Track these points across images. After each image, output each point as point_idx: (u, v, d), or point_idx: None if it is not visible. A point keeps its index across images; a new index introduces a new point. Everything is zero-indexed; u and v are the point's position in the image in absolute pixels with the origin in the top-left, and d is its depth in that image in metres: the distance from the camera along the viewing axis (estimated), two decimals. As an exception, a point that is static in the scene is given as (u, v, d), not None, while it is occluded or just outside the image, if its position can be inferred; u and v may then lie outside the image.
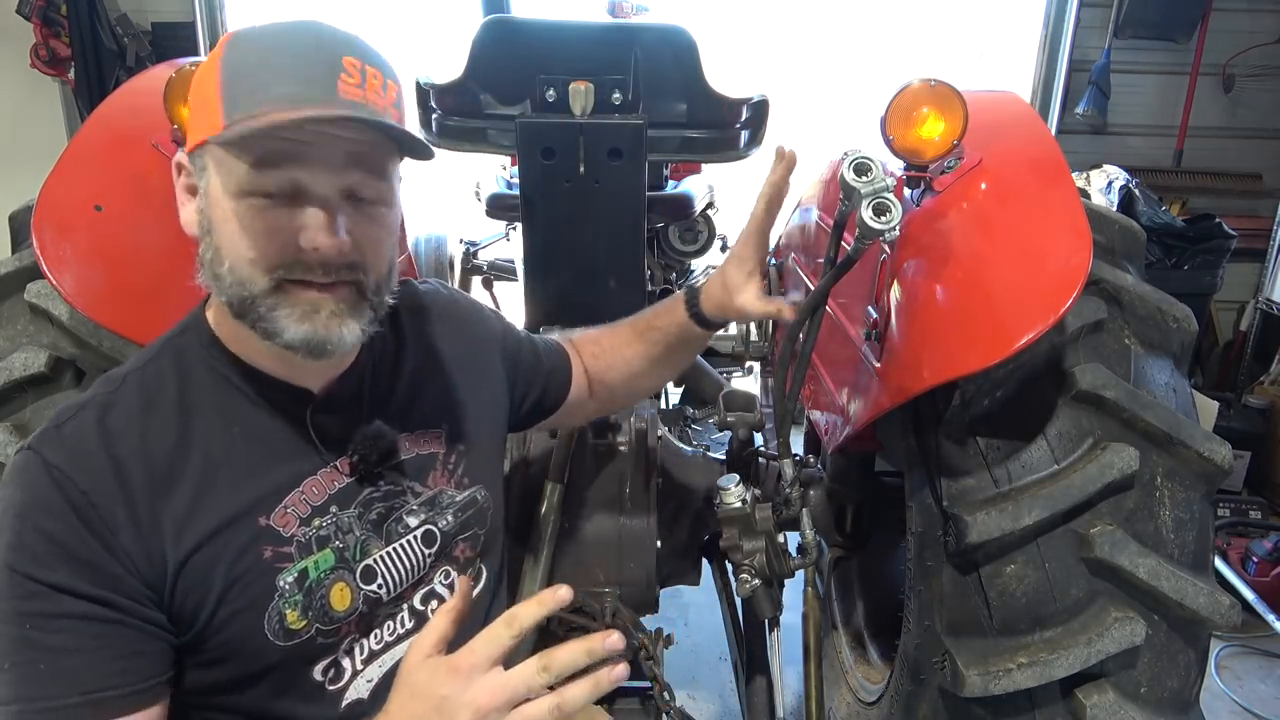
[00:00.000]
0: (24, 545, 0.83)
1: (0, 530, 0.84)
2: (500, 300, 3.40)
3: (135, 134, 1.38)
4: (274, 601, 0.93)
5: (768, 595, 1.40)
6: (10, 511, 0.84)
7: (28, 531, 0.83)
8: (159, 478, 0.89)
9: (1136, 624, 1.28)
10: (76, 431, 0.88)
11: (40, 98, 4.49)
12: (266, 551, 0.93)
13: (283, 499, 0.95)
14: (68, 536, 0.84)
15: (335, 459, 1.00)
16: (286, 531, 0.94)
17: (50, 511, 0.84)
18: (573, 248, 1.77)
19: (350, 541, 0.99)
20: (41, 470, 0.85)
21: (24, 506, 0.84)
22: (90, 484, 0.85)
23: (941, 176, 1.34)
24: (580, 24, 2.07)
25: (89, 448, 0.87)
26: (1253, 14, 4.44)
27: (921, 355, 1.28)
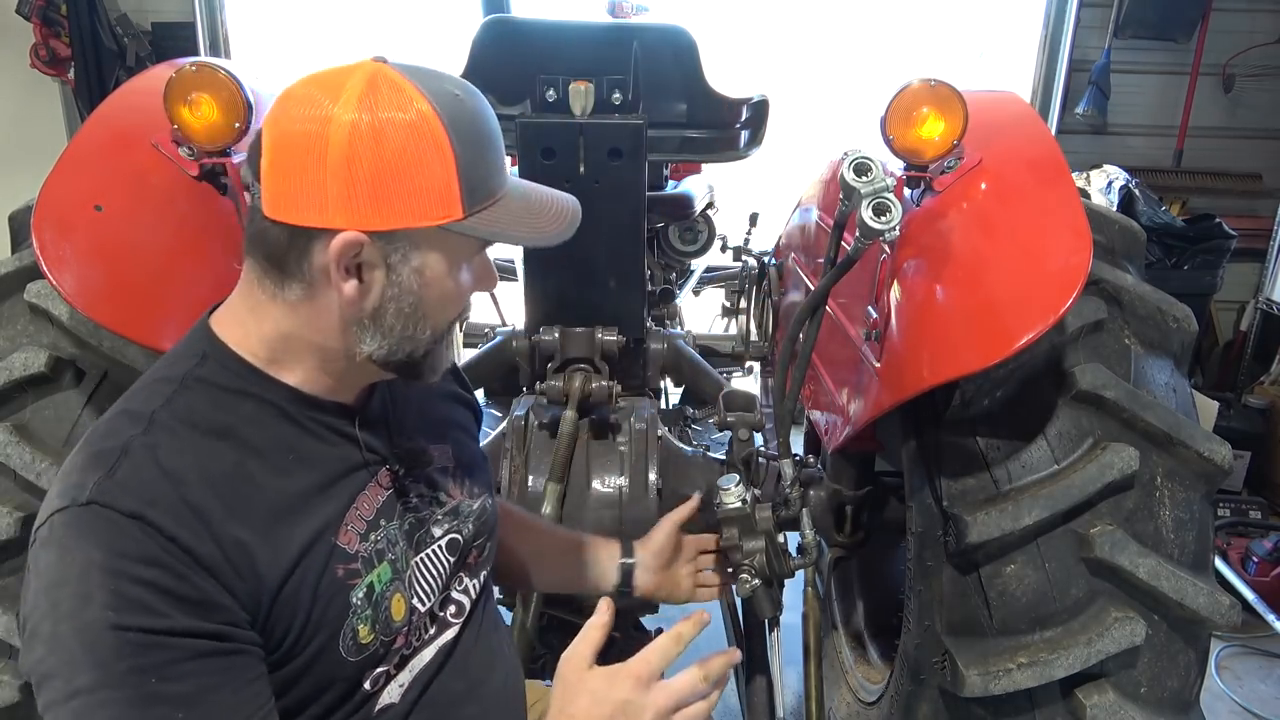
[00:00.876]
0: (126, 600, 0.76)
1: (88, 594, 0.76)
2: (500, 300, 3.40)
3: (135, 134, 1.38)
4: (349, 619, 0.92)
5: (767, 595, 1.40)
6: (96, 570, 0.76)
7: (125, 585, 0.76)
8: (234, 511, 0.84)
9: (1136, 624, 1.28)
10: (135, 476, 0.81)
11: (40, 98, 4.49)
12: (339, 570, 0.92)
13: (344, 517, 0.94)
14: (171, 581, 0.78)
15: (376, 474, 1.00)
16: (351, 549, 0.94)
17: (144, 560, 0.77)
18: (573, 248, 1.75)
19: (399, 553, 1.00)
20: (119, 520, 0.78)
21: (112, 561, 0.77)
22: (174, 527, 0.79)
23: (941, 176, 1.34)
24: (580, 24, 2.07)
25: (159, 491, 0.81)
26: (1253, 14, 4.44)
27: (921, 355, 1.28)
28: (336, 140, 0.81)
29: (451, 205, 0.85)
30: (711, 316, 3.46)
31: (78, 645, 0.76)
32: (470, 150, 0.86)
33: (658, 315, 2.72)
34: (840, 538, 1.93)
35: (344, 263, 0.84)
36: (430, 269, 0.88)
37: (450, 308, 0.94)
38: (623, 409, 1.85)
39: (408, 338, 0.91)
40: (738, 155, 2.09)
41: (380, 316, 0.89)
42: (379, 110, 0.82)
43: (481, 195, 0.88)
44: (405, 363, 0.94)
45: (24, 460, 1.35)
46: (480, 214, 0.88)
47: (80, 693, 0.75)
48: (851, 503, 1.89)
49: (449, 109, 0.85)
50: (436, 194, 0.84)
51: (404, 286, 0.88)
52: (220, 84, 1.30)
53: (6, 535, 1.35)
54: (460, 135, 0.85)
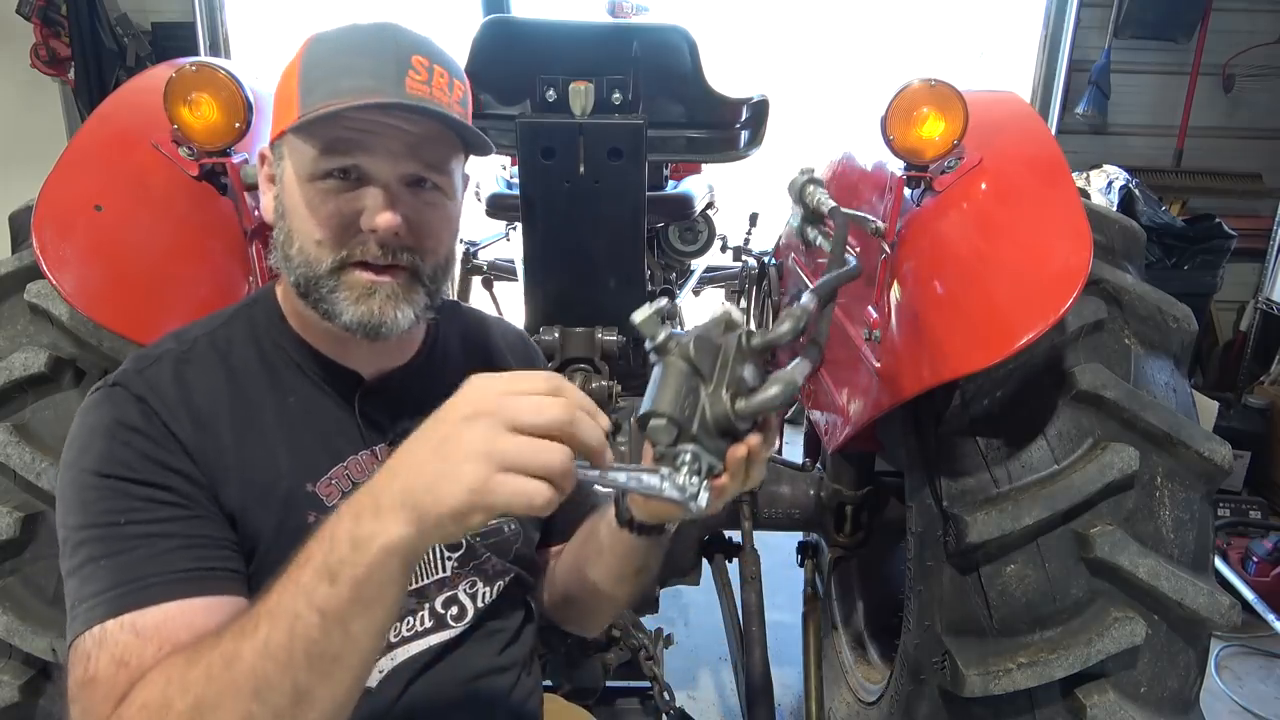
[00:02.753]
0: (115, 455, 0.88)
1: (87, 447, 0.89)
2: (500, 300, 3.41)
3: (135, 134, 1.38)
4: None
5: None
6: (98, 430, 0.89)
7: (117, 446, 0.88)
8: (224, 429, 0.94)
9: (1136, 624, 1.28)
10: (156, 376, 0.94)
11: (40, 98, 4.49)
12: (310, 516, 0.96)
13: (329, 470, 1.00)
14: (155, 449, 0.89)
15: (375, 445, 1.03)
16: (330, 501, 0.98)
17: (139, 431, 0.89)
18: (573, 248, 1.76)
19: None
20: (128, 398, 0.91)
21: (112, 425, 0.89)
22: (167, 413, 0.91)
23: (942, 176, 1.34)
24: (580, 24, 2.07)
25: (169, 392, 0.93)
26: (1253, 14, 4.44)
27: (921, 355, 1.28)
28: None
29: (292, 111, 0.94)
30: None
31: (71, 491, 0.88)
32: (316, 64, 0.95)
33: (657, 315, 2.72)
34: (840, 538, 1.93)
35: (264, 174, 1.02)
36: (287, 173, 0.97)
37: (308, 220, 0.94)
38: (623, 409, 1.85)
39: (286, 254, 0.98)
40: (738, 155, 2.09)
41: (278, 230, 0.99)
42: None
43: (314, 99, 0.92)
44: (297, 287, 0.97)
45: (24, 460, 1.35)
46: (310, 112, 0.91)
47: (70, 535, 0.87)
48: (851, 503, 1.89)
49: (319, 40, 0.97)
50: (286, 102, 0.96)
51: (279, 195, 0.99)
52: (220, 84, 1.30)
53: (6, 535, 1.35)
54: (312, 54, 0.96)
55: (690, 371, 0.79)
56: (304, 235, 0.95)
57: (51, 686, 1.43)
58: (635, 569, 1.04)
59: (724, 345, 0.82)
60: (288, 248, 0.97)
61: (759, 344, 0.83)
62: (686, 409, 0.77)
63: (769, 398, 0.79)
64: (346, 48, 0.95)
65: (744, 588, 1.83)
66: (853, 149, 1.72)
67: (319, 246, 0.95)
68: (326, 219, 0.94)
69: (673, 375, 0.78)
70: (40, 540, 1.38)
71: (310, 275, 0.95)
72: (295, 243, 0.96)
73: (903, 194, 1.37)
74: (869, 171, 1.57)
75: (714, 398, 0.79)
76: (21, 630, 1.34)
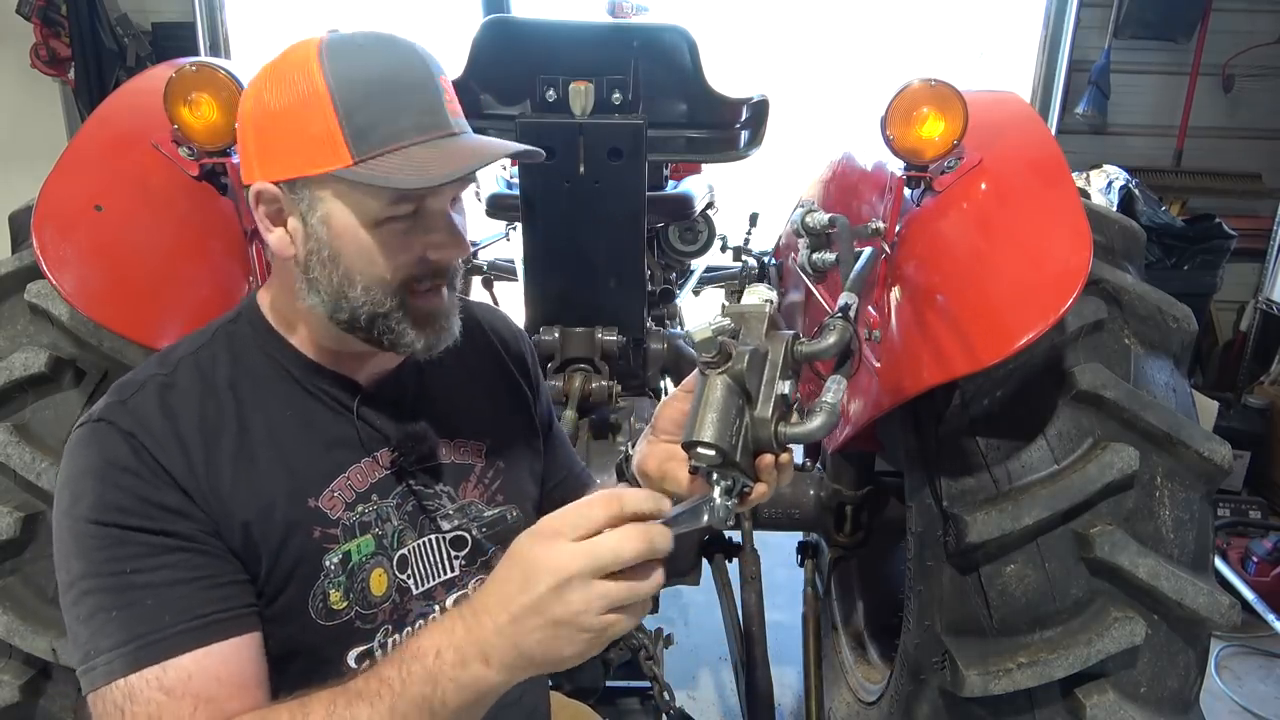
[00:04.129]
0: (108, 501, 0.86)
1: (80, 493, 0.87)
2: (500, 300, 3.41)
3: (135, 134, 1.38)
4: (319, 580, 0.96)
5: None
6: (89, 474, 0.88)
7: (109, 490, 0.87)
8: (217, 454, 0.93)
9: (1136, 624, 1.28)
10: (141, 406, 0.92)
11: (40, 98, 4.49)
12: (315, 532, 0.96)
13: (330, 483, 0.98)
14: (150, 490, 0.88)
15: (376, 451, 1.03)
16: (333, 514, 0.98)
17: (129, 470, 0.88)
18: (573, 248, 1.76)
19: (389, 530, 1.02)
20: (116, 436, 0.89)
21: (102, 468, 0.88)
22: (157, 449, 0.89)
23: (941, 176, 1.34)
24: (580, 24, 2.07)
25: (155, 423, 0.91)
26: (1253, 14, 4.43)
27: (921, 355, 1.28)
28: (247, 105, 0.93)
29: (338, 153, 0.88)
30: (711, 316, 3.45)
31: (69, 538, 0.87)
32: (355, 98, 0.88)
33: (658, 315, 2.72)
34: (840, 538, 1.93)
35: (266, 213, 0.94)
36: (336, 219, 0.91)
37: (374, 264, 0.92)
38: (623, 409, 1.85)
39: (340, 294, 0.94)
40: (738, 155, 2.09)
41: (309, 269, 0.94)
42: (277, 75, 0.91)
43: (374, 142, 0.88)
44: (353, 323, 0.95)
45: (24, 460, 1.35)
46: (371, 161, 0.88)
47: (74, 583, 0.86)
48: (851, 503, 1.89)
49: (341, 59, 0.89)
50: (321, 143, 0.88)
51: (316, 236, 0.93)
52: (220, 84, 1.30)
53: (7, 535, 1.35)
54: (344, 83, 0.88)
55: (738, 392, 0.79)
56: (371, 277, 0.93)
57: (51, 686, 1.43)
58: None
59: (770, 355, 0.82)
60: (345, 290, 0.93)
61: (804, 355, 0.84)
62: (733, 436, 0.78)
63: (814, 429, 0.81)
64: (385, 75, 0.90)
65: (744, 588, 1.83)
66: (853, 149, 1.73)
67: (386, 285, 0.93)
68: (398, 259, 0.93)
69: (722, 398, 0.78)
70: (40, 540, 1.38)
71: (375, 313, 0.94)
72: (357, 285, 0.93)
73: (903, 194, 1.37)
74: (869, 171, 1.57)
75: (759, 421, 0.80)
76: (21, 630, 1.34)
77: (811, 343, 0.86)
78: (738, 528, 1.88)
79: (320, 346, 1.01)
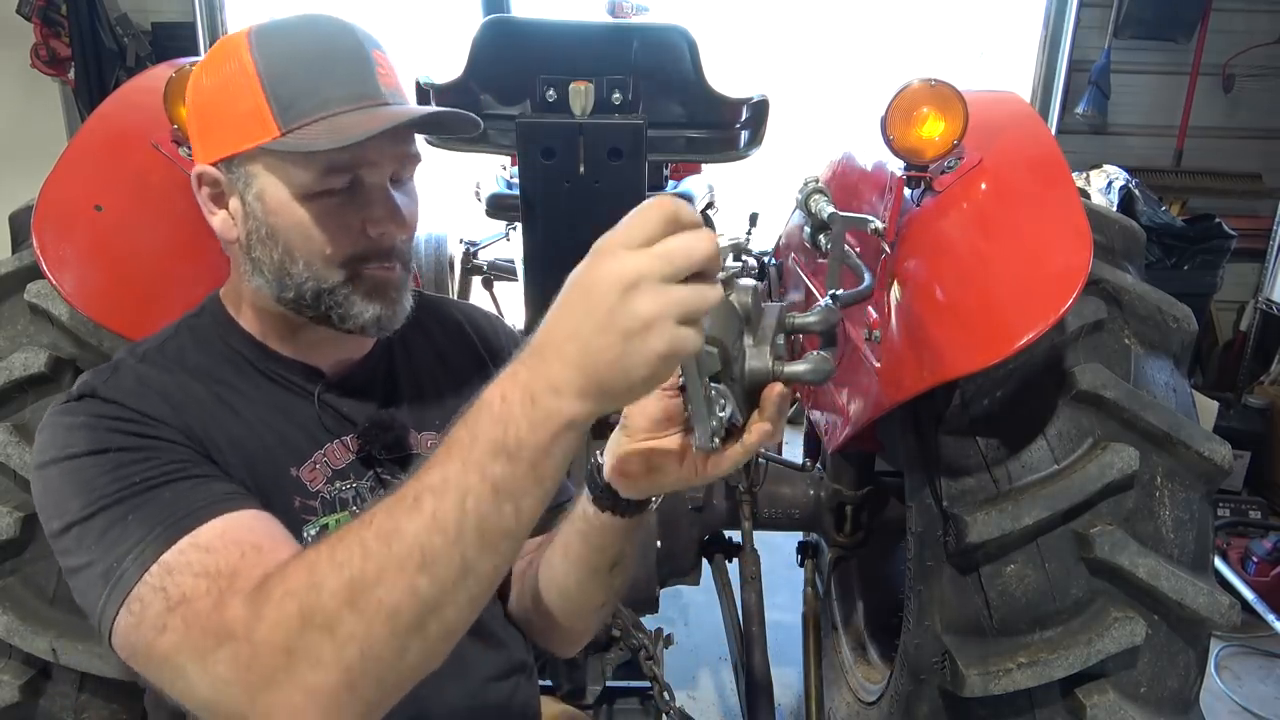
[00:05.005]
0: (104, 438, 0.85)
1: (71, 440, 0.85)
2: (500, 300, 3.41)
3: (135, 134, 1.38)
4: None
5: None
6: (77, 425, 0.86)
7: (100, 432, 0.85)
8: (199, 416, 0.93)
9: (1136, 624, 1.28)
10: (118, 382, 0.92)
11: (40, 98, 4.49)
12: (295, 501, 0.97)
13: (310, 455, 1.00)
14: (145, 429, 0.87)
15: (344, 436, 1.03)
16: (313, 487, 0.98)
17: (120, 418, 0.87)
18: (573, 248, 1.75)
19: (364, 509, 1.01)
20: (99, 402, 0.89)
21: (91, 418, 0.87)
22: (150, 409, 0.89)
23: (941, 176, 1.34)
24: (580, 24, 2.07)
25: (139, 391, 0.91)
26: (1252, 14, 4.43)
27: (921, 355, 1.28)
28: (189, 94, 0.96)
29: (266, 126, 0.89)
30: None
31: (65, 481, 0.84)
32: (282, 71, 0.90)
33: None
34: (840, 538, 1.93)
35: (208, 195, 0.96)
36: (270, 194, 0.92)
37: (312, 239, 0.92)
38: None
39: (283, 271, 0.94)
40: (738, 155, 2.09)
41: (251, 249, 0.95)
42: (212, 60, 0.94)
43: (300, 112, 0.89)
44: (299, 302, 0.95)
45: (24, 460, 1.35)
46: (299, 131, 0.88)
47: (75, 520, 0.82)
48: (851, 503, 1.89)
49: (270, 38, 0.91)
50: (250, 117, 0.89)
51: (255, 215, 0.94)
52: (220, 84, 1.30)
53: (7, 535, 1.35)
54: (271, 59, 0.90)
55: (743, 317, 0.78)
56: (310, 252, 0.93)
57: (51, 686, 1.43)
58: (610, 561, 0.99)
59: (767, 310, 0.83)
60: (288, 266, 0.94)
61: (792, 324, 0.87)
62: (735, 350, 0.76)
63: (804, 370, 0.80)
64: (312, 50, 0.91)
65: (744, 588, 1.83)
66: (853, 149, 1.73)
67: (328, 261, 0.93)
68: (336, 234, 0.93)
69: (728, 311, 0.76)
70: (40, 540, 1.38)
71: (320, 288, 0.94)
72: (298, 261, 0.94)
73: (903, 194, 1.37)
74: (869, 171, 1.57)
75: (757, 352, 0.79)
76: (21, 630, 1.34)
77: (801, 315, 0.89)
78: (737, 527, 1.88)
79: (273, 331, 1.01)
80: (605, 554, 0.98)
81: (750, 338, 0.79)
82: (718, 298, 0.67)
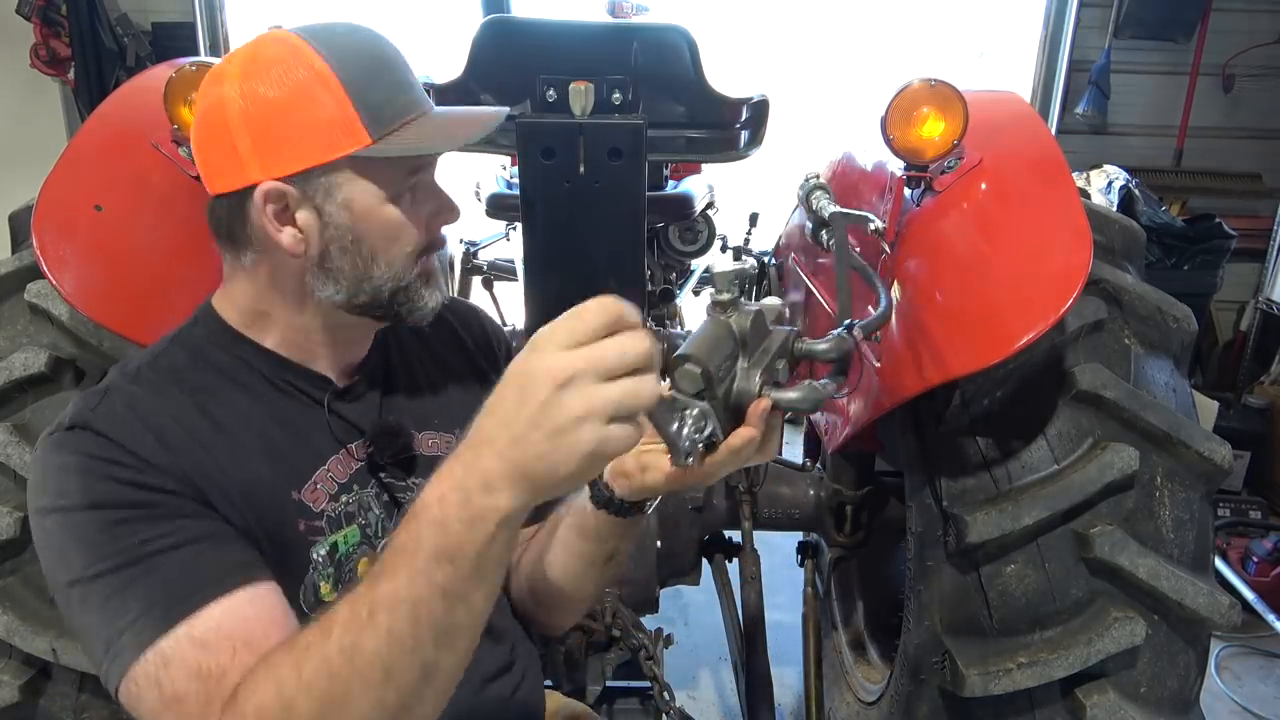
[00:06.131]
0: (97, 489, 0.83)
1: (65, 489, 0.83)
2: (500, 300, 3.40)
3: (135, 134, 1.38)
4: (309, 573, 0.95)
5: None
6: (70, 470, 0.84)
7: (95, 480, 0.83)
8: (194, 447, 0.90)
9: (1136, 624, 1.28)
10: (110, 411, 0.89)
11: (40, 98, 4.49)
12: (300, 525, 0.96)
13: (312, 475, 0.98)
14: (136, 475, 0.84)
15: (350, 444, 1.02)
16: (317, 507, 0.97)
17: (112, 461, 0.84)
18: (573, 248, 1.76)
19: (372, 519, 1.02)
20: (89, 436, 0.86)
21: (84, 463, 0.84)
22: (140, 447, 0.86)
23: (942, 176, 1.34)
24: (580, 24, 2.08)
25: (128, 422, 0.88)
26: (1253, 14, 4.43)
27: (921, 355, 1.28)
28: (232, 105, 0.88)
29: (356, 134, 0.89)
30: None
31: (64, 535, 0.82)
32: (361, 77, 0.89)
33: (658, 315, 2.72)
34: (840, 538, 1.93)
35: (273, 213, 0.90)
36: (358, 202, 0.91)
37: (399, 240, 0.95)
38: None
39: (363, 276, 0.94)
40: (738, 155, 2.10)
41: (327, 259, 0.93)
42: (264, 67, 0.88)
43: (388, 118, 0.90)
44: (373, 304, 0.96)
45: (24, 460, 1.35)
46: (391, 136, 0.90)
47: (78, 579, 0.81)
48: (851, 503, 1.89)
49: (330, 44, 0.90)
50: (335, 126, 0.88)
51: (338, 224, 0.92)
52: (220, 84, 1.30)
53: (7, 535, 1.35)
54: (346, 65, 0.89)
55: (737, 340, 0.80)
56: (393, 252, 0.95)
57: (51, 686, 1.43)
58: (606, 555, 1.01)
59: (773, 334, 0.84)
60: (370, 270, 0.94)
61: (801, 350, 0.86)
62: (721, 371, 0.77)
63: (795, 398, 0.81)
64: (372, 56, 0.92)
65: (744, 588, 1.84)
66: (853, 149, 1.73)
67: (409, 257, 0.96)
68: (415, 229, 0.96)
69: (721, 334, 0.78)
70: (40, 540, 1.38)
71: (398, 286, 0.96)
72: (380, 262, 0.94)
73: (903, 194, 1.37)
74: (869, 171, 1.57)
75: (747, 375, 0.80)
76: (21, 630, 1.34)
77: (810, 342, 0.88)
78: (737, 527, 1.88)
79: (292, 343, 1.00)
80: (602, 549, 1.01)
81: (745, 360, 0.81)
82: (651, 396, 0.68)
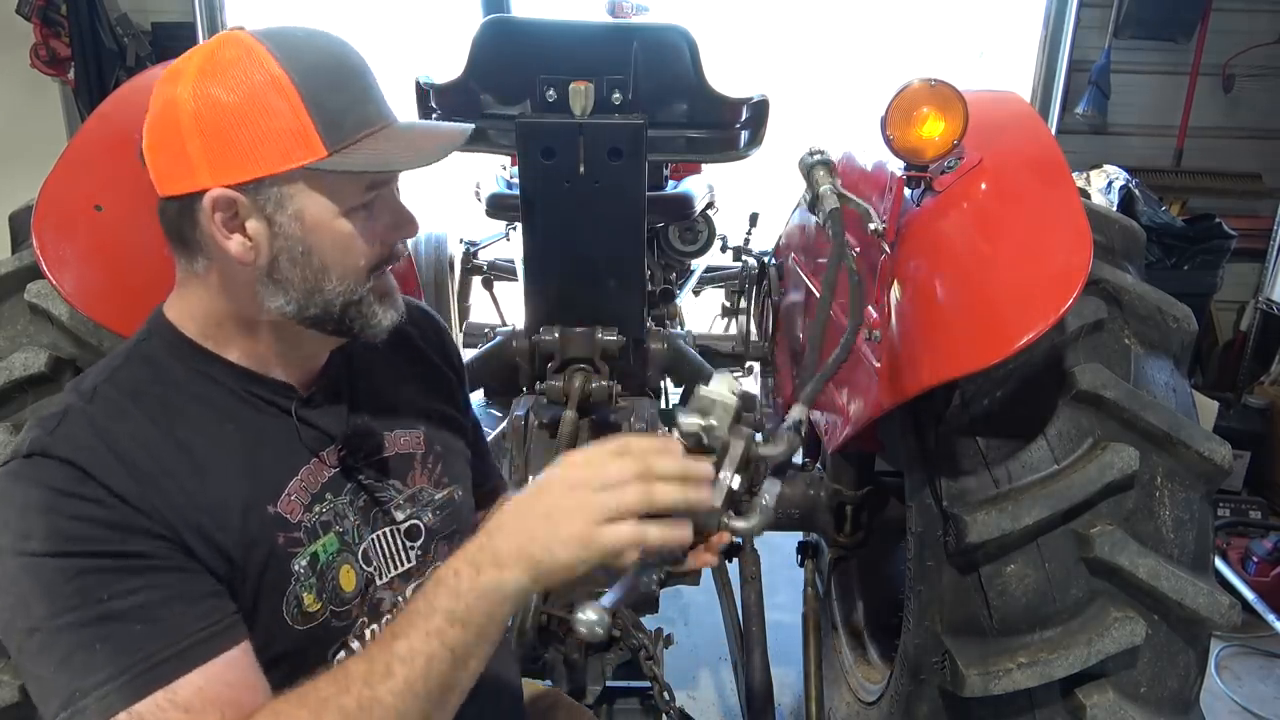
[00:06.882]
0: (63, 531, 0.80)
1: (28, 530, 0.80)
2: (500, 300, 3.41)
3: (135, 134, 1.37)
4: (290, 586, 0.95)
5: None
6: (33, 509, 0.80)
7: (61, 520, 0.80)
8: (162, 470, 0.87)
9: (1136, 624, 1.28)
10: (70, 434, 0.85)
11: (40, 98, 4.49)
12: (279, 538, 0.94)
13: (286, 487, 0.97)
14: (104, 513, 0.82)
15: (321, 451, 1.01)
16: (294, 518, 0.96)
17: (77, 496, 0.81)
18: (573, 248, 1.77)
19: (348, 526, 1.02)
20: (51, 465, 0.82)
21: (48, 499, 0.81)
22: (103, 472, 0.83)
23: (942, 176, 1.34)
24: (580, 24, 2.08)
25: (90, 446, 0.84)
26: (1253, 14, 4.43)
27: (921, 355, 1.28)
28: (185, 107, 0.86)
29: (311, 145, 0.87)
30: (711, 316, 3.46)
31: (26, 580, 0.80)
32: (320, 86, 0.87)
33: (658, 315, 2.72)
34: (840, 538, 1.93)
35: (222, 220, 0.88)
36: (310, 213, 0.90)
37: (351, 253, 0.93)
38: (623, 409, 1.85)
39: (314, 289, 0.92)
40: (738, 155, 2.10)
41: (276, 270, 0.91)
42: (220, 69, 0.86)
43: (348, 129, 0.88)
44: (324, 317, 0.94)
45: (24, 460, 1.35)
46: (349, 149, 0.88)
47: (38, 628, 0.79)
48: (851, 503, 1.89)
49: (289, 50, 0.87)
50: (290, 136, 0.86)
51: (288, 235, 0.90)
52: (220, 84, 1.30)
53: (6, 535, 1.35)
54: (304, 72, 0.86)
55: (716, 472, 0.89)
56: (346, 266, 0.93)
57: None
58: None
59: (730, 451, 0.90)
60: (320, 283, 0.92)
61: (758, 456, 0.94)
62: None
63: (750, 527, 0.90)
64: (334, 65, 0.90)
65: (744, 588, 1.84)
66: (853, 149, 1.72)
67: (360, 271, 0.94)
68: (370, 244, 0.94)
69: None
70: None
71: (349, 301, 0.94)
72: (332, 276, 0.92)
73: (903, 194, 1.37)
74: (869, 171, 1.57)
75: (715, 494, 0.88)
76: (21, 630, 1.34)
77: (766, 446, 0.96)
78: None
79: (255, 354, 0.97)
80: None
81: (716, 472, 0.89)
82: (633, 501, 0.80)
